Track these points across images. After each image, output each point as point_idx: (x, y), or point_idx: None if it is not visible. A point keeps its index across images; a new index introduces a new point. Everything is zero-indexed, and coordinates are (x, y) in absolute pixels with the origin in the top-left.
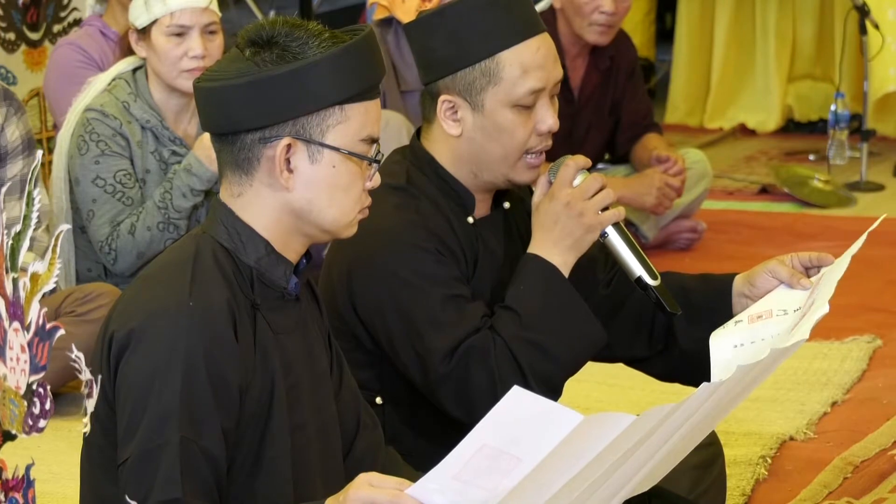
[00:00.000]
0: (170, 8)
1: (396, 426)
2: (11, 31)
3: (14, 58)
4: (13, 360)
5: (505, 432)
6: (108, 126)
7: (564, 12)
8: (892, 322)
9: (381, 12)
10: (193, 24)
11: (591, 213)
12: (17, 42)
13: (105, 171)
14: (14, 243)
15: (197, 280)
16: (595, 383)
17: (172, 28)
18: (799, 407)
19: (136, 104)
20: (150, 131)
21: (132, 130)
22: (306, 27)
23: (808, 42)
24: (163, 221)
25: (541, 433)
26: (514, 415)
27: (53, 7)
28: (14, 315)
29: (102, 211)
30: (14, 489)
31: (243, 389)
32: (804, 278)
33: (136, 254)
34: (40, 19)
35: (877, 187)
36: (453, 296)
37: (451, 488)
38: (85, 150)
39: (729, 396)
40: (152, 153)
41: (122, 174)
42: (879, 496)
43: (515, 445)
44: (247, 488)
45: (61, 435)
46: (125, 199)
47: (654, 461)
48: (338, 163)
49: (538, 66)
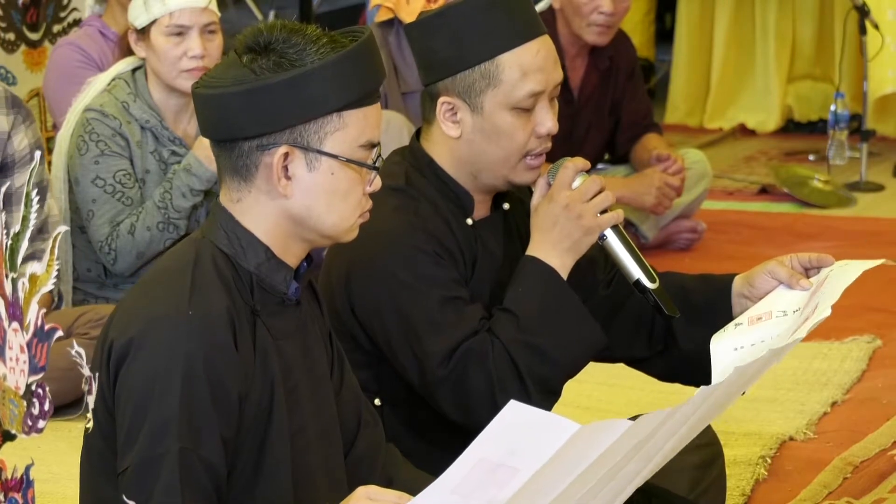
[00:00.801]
0: (169, 8)
1: (395, 427)
2: (11, 32)
3: (14, 58)
4: (12, 360)
5: (502, 445)
6: (107, 126)
7: (564, 13)
8: (892, 322)
9: (383, 14)
10: (192, 24)
11: (589, 216)
12: (17, 42)
13: (105, 171)
14: (13, 244)
15: (196, 287)
16: (595, 384)
17: (172, 28)
18: (799, 407)
19: (136, 104)
20: (149, 131)
21: (132, 130)
22: (304, 32)
23: (808, 42)
24: (162, 221)
25: (538, 444)
26: (512, 428)
27: (53, 7)
28: (13, 315)
29: (102, 211)
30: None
31: (243, 396)
32: (803, 279)
33: (135, 254)
34: (40, 19)
35: (876, 187)
36: (451, 298)
37: (449, 502)
38: (85, 151)
39: (725, 397)
40: (152, 153)
41: (121, 174)
42: (879, 496)
43: (513, 457)
44: (247, 493)
45: (61, 435)
46: (125, 199)
47: (652, 464)
48: (336, 170)
49: (538, 68)
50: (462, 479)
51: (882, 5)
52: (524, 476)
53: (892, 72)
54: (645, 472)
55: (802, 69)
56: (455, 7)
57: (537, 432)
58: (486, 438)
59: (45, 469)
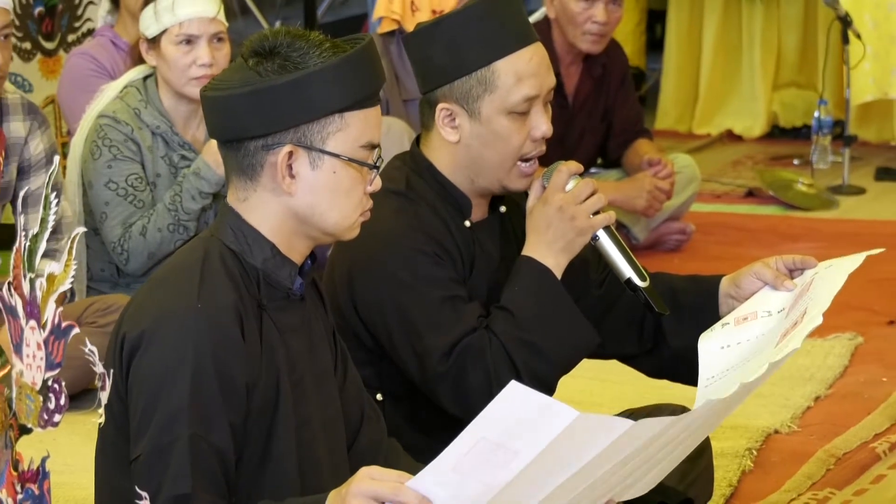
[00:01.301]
0: (178, 18)
1: (396, 421)
2: (27, 41)
3: (30, 66)
4: (30, 357)
5: (502, 426)
6: (119, 132)
7: (559, 22)
8: (873, 320)
9: (386, 25)
10: (201, 33)
11: (582, 217)
12: (33, 51)
13: (117, 174)
14: (31, 245)
15: (205, 282)
16: (587, 379)
17: (181, 37)
18: (783, 401)
19: (147, 111)
20: (160, 137)
21: (143, 136)
22: (308, 37)
23: (793, 51)
24: (173, 223)
25: (537, 427)
26: (511, 409)
27: (67, 18)
28: (31, 314)
29: (115, 213)
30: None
31: (250, 387)
32: (788, 280)
33: (147, 254)
34: (55, 29)
35: (858, 190)
36: (450, 297)
37: (449, 481)
38: (98, 155)
39: (726, 409)
40: (162, 157)
41: (133, 178)
42: (860, 487)
43: (512, 439)
44: (255, 481)
45: (75, 429)
46: (136, 202)
47: (658, 469)
48: (338, 168)
49: (532, 73)
50: (462, 458)
51: (864, 16)
52: (522, 461)
53: (873, 80)
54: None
55: (787, 77)
56: (451, 17)
57: (536, 415)
58: (487, 418)
59: (60, 461)
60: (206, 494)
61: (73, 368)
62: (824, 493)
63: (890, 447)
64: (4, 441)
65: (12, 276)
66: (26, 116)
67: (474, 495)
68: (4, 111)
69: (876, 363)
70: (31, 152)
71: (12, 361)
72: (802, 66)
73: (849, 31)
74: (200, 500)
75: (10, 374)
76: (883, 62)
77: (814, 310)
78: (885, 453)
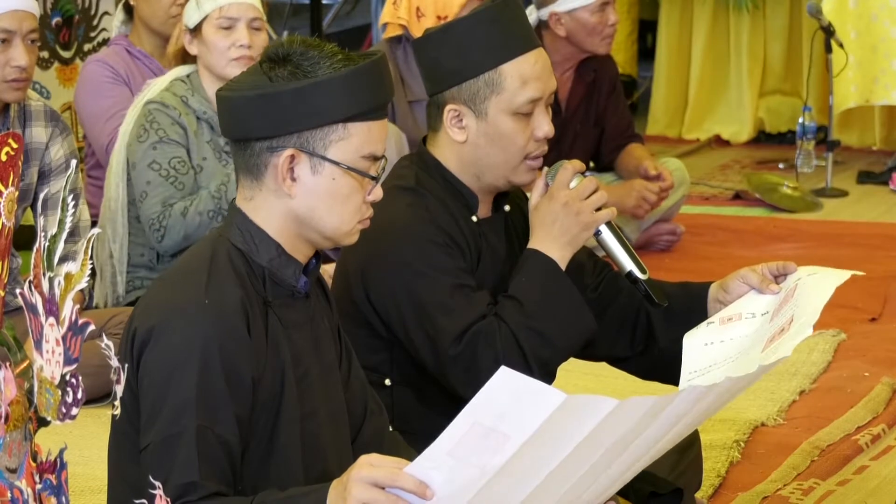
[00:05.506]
0: (219, 3)
1: (406, 406)
2: (45, 50)
3: (48, 74)
4: (49, 352)
5: (494, 411)
6: (167, 115)
7: (575, 37)
8: (855, 317)
9: (392, 30)
10: (240, 16)
11: (587, 212)
12: (51, 60)
13: (161, 156)
14: (50, 246)
15: (213, 280)
16: (581, 374)
17: (221, 21)
18: (770, 395)
19: (194, 98)
20: (205, 122)
21: (189, 121)
22: (322, 48)
23: (778, 60)
24: (214, 210)
25: (527, 411)
26: (502, 393)
27: (84, 28)
28: (50, 311)
29: (155, 192)
30: (48, 471)
31: (256, 380)
32: (773, 284)
33: (183, 234)
34: (72, 38)
35: (841, 193)
36: (461, 285)
37: (446, 465)
38: (144, 138)
39: (716, 402)
40: (208, 142)
41: (176, 160)
42: (844, 477)
43: (503, 423)
44: (260, 472)
45: (92, 422)
46: (177, 184)
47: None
48: (337, 176)
49: (536, 76)
50: (457, 443)
51: (846, 26)
52: (514, 444)
53: (856, 87)
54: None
55: (773, 84)
56: (459, 22)
57: (526, 399)
58: (479, 403)
59: (77, 453)
60: (212, 483)
61: (90, 376)
62: (809, 484)
63: (872, 439)
64: (24, 433)
65: (32, 274)
66: (48, 123)
67: (470, 479)
68: (28, 117)
69: (858, 359)
70: (51, 157)
71: (33, 357)
72: (787, 74)
73: (832, 40)
74: (207, 489)
75: (31, 369)
76: (865, 70)
77: (801, 318)
78: (867, 445)
